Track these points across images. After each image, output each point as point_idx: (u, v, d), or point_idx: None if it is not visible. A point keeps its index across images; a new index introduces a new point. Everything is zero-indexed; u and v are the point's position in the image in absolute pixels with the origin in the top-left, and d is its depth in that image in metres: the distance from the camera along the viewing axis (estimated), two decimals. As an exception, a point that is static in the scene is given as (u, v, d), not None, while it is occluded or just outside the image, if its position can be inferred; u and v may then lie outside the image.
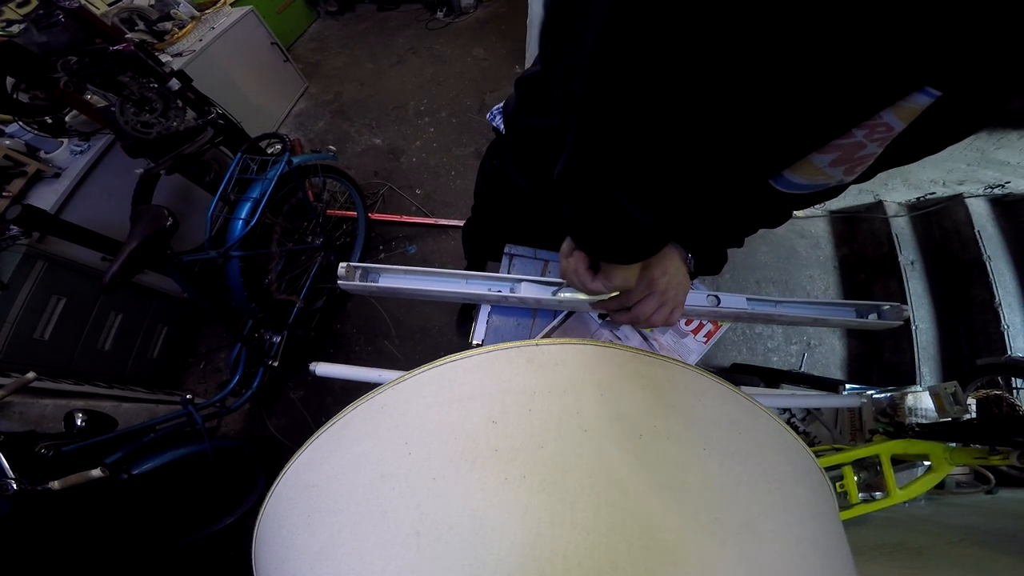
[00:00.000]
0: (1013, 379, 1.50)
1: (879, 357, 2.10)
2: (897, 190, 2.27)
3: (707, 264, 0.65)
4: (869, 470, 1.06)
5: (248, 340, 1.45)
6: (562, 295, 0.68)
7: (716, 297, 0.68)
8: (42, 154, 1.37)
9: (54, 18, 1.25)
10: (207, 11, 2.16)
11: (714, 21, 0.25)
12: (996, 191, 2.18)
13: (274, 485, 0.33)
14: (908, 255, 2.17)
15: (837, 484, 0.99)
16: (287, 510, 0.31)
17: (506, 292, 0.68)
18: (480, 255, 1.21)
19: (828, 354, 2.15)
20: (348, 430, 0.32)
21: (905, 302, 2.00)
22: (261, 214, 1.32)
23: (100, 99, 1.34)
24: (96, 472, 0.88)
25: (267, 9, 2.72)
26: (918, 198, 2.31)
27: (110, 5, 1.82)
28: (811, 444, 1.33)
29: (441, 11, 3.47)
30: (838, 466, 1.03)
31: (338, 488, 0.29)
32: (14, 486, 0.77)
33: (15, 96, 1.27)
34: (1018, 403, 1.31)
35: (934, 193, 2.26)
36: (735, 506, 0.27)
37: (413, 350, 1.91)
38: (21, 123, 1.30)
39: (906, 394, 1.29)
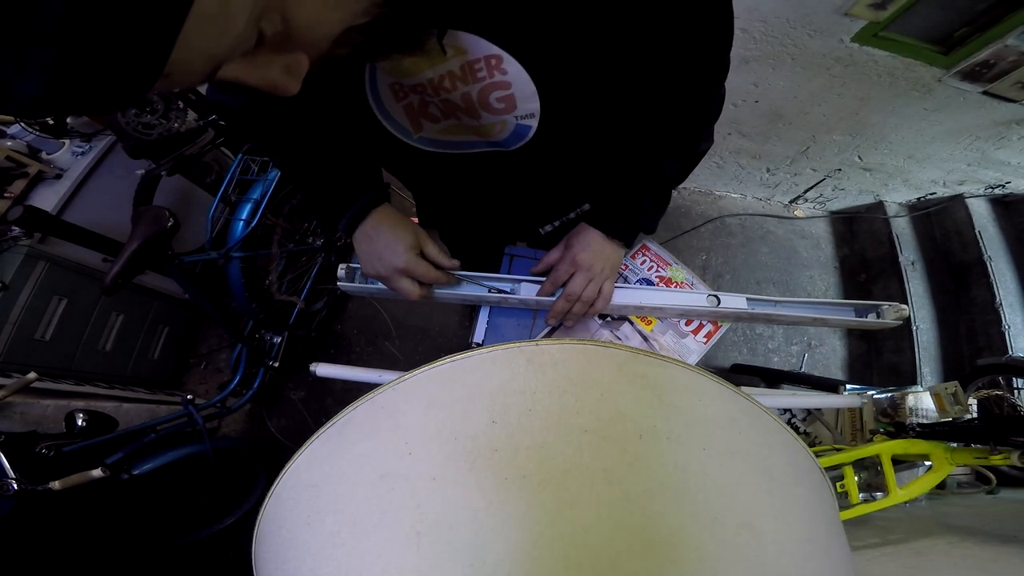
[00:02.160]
0: (1014, 379, 1.50)
1: (880, 357, 2.10)
2: (898, 190, 2.27)
3: (628, 224, 0.63)
4: (870, 470, 1.06)
5: (249, 341, 1.45)
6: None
7: (716, 297, 0.68)
8: (44, 155, 1.37)
9: (55, 19, 1.25)
10: (208, 12, 2.16)
11: None
12: (997, 191, 2.18)
13: (274, 485, 0.33)
14: (909, 255, 2.17)
15: (838, 484, 0.99)
16: (287, 510, 0.31)
17: (506, 293, 0.68)
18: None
19: (829, 354, 2.15)
20: (348, 430, 0.32)
21: (906, 302, 2.00)
22: (262, 215, 1.32)
23: (101, 100, 1.34)
24: (97, 472, 0.88)
25: (268, 10, 2.72)
26: (919, 198, 2.31)
27: (111, 6, 1.82)
28: (812, 444, 1.33)
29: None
30: (839, 466, 1.02)
31: (338, 488, 0.29)
32: (15, 486, 0.77)
33: (16, 97, 1.27)
34: (1019, 403, 1.31)
35: (935, 193, 2.26)
36: (735, 506, 0.27)
37: (413, 351, 1.91)
38: (23, 124, 1.31)
39: (907, 394, 1.29)
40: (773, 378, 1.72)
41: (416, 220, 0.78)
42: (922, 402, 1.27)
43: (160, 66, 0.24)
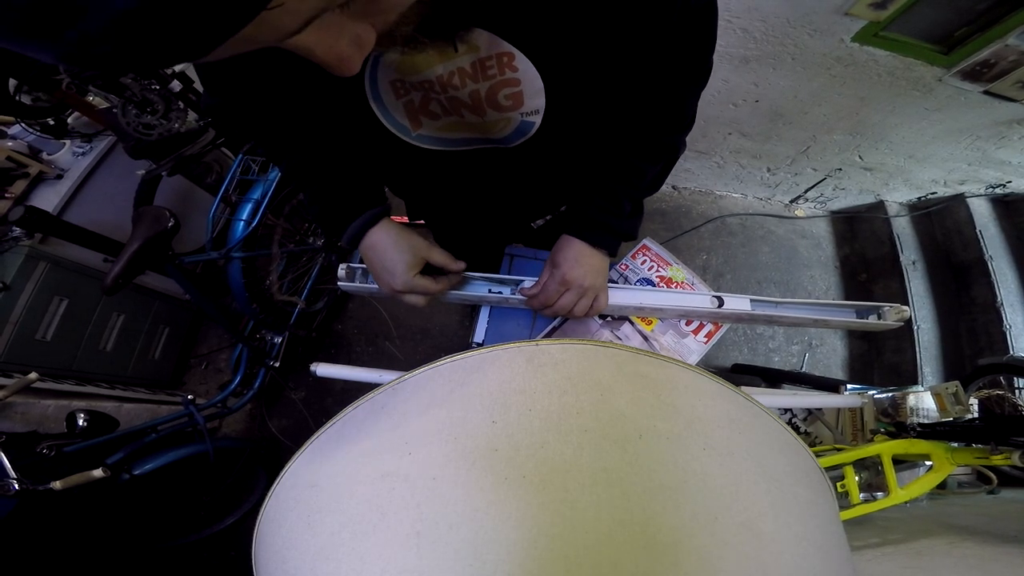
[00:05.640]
0: (1015, 379, 1.49)
1: (881, 357, 2.09)
2: (898, 190, 2.27)
3: (612, 231, 0.62)
4: (870, 470, 1.05)
5: (249, 341, 1.45)
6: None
7: (719, 299, 0.68)
8: (44, 155, 1.37)
9: (56, 20, 1.25)
10: (208, 13, 2.16)
11: None
12: (998, 191, 2.18)
13: (274, 485, 0.33)
14: (909, 255, 2.17)
15: (838, 484, 0.99)
16: (287, 510, 0.31)
17: (507, 293, 0.68)
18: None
19: (829, 354, 2.15)
20: (348, 430, 0.32)
21: (907, 302, 2.00)
22: (262, 215, 1.32)
23: (102, 101, 1.34)
24: (98, 472, 0.88)
25: (268, 10, 2.71)
26: (919, 198, 2.31)
27: (112, 7, 1.82)
28: (812, 444, 1.32)
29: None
30: (839, 466, 1.02)
31: (338, 488, 0.29)
32: (16, 486, 0.77)
33: (18, 98, 1.27)
34: (1020, 403, 1.31)
35: (935, 193, 2.25)
36: (735, 506, 0.27)
37: (414, 350, 1.91)
38: (24, 125, 1.31)
39: (908, 394, 1.29)
40: (774, 378, 1.72)
41: (406, 220, 0.78)
42: (923, 402, 1.27)
43: None
